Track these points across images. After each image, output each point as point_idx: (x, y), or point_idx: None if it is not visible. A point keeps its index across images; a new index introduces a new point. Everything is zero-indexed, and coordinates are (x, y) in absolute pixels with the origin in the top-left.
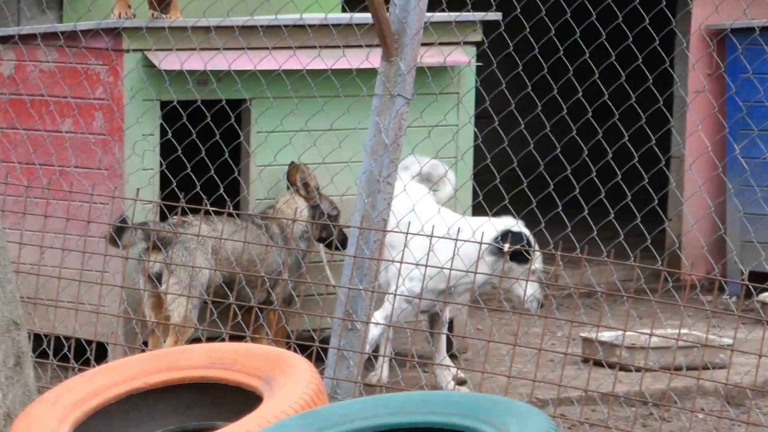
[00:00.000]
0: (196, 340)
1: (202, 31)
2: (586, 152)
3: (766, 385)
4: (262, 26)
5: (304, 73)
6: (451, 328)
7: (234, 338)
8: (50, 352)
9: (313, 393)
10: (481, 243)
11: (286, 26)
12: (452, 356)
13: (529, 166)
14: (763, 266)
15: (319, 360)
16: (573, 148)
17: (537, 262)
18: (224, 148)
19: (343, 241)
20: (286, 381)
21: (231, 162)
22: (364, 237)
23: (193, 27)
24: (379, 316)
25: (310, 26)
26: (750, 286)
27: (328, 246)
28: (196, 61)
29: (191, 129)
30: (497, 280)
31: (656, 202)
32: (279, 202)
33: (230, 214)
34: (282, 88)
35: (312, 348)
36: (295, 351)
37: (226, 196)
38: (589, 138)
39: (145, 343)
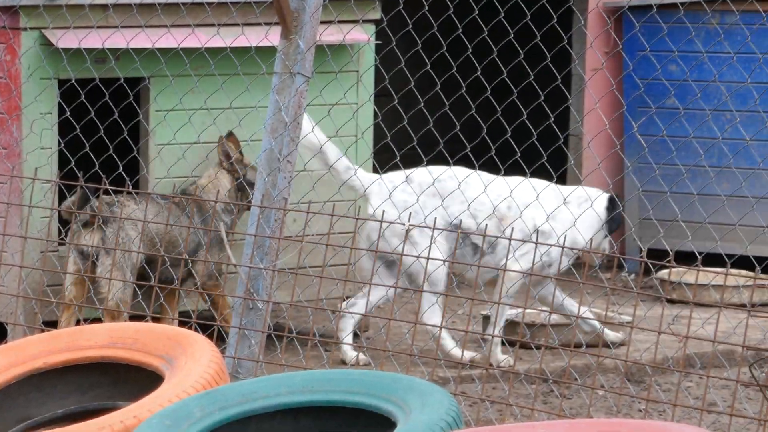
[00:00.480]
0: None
1: (100, 9)
2: (486, 130)
3: (665, 362)
4: (160, 4)
5: (203, 51)
6: None
7: (155, 319)
8: None
9: (215, 372)
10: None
11: (184, 4)
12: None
13: (429, 144)
14: (661, 243)
15: (220, 339)
16: (472, 126)
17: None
18: (123, 126)
19: None
20: (187, 360)
21: (130, 141)
22: (264, 216)
23: (90, 5)
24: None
25: (209, 4)
26: (648, 264)
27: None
28: (93, 39)
29: (89, 107)
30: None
31: (555, 180)
32: (202, 178)
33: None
34: (181, 67)
35: (213, 327)
36: (196, 330)
37: (125, 175)
38: (488, 116)
39: (47, 324)
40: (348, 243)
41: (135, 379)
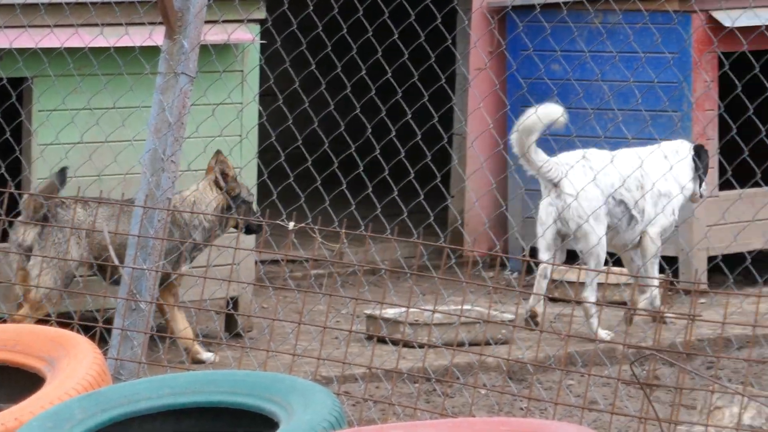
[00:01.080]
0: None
1: None
2: (370, 130)
3: (547, 360)
4: (43, 4)
5: (86, 51)
6: (236, 306)
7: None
8: None
9: (97, 374)
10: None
11: (68, 4)
12: (237, 335)
13: (314, 143)
14: None
15: (102, 341)
16: (357, 126)
17: None
18: (5, 127)
19: (259, 227)
20: (69, 362)
21: (12, 141)
22: (148, 216)
23: None
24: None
25: (93, 4)
26: (531, 262)
27: (247, 232)
28: None
29: None
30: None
31: (439, 179)
32: (187, 190)
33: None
34: (64, 67)
35: (96, 329)
36: (78, 332)
37: (7, 176)
38: (372, 116)
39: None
40: (232, 243)
41: (16, 381)
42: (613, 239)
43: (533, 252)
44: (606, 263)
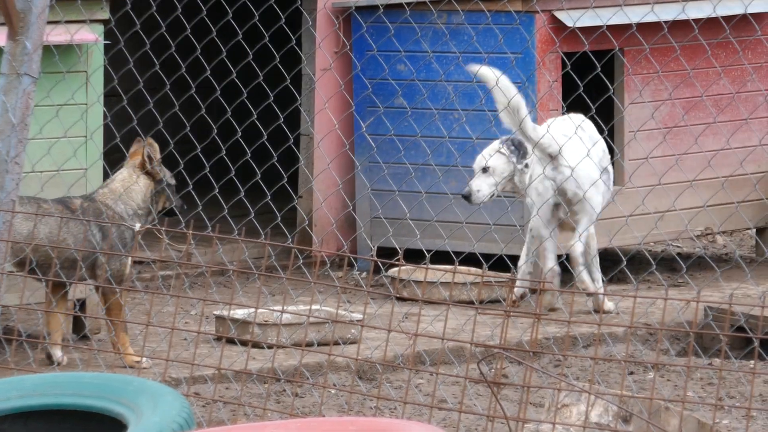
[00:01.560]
0: None
1: None
2: (216, 131)
3: (395, 359)
4: None
5: None
6: (83, 308)
7: None
8: None
9: None
10: None
11: None
12: (84, 337)
13: (160, 144)
14: (390, 242)
15: None
16: (203, 127)
17: None
18: None
19: (181, 207)
20: None
21: None
22: None
23: None
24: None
25: None
26: (379, 262)
27: (168, 214)
28: None
29: None
30: None
31: (285, 179)
32: (115, 181)
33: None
34: None
35: None
36: None
37: None
38: (218, 116)
39: None
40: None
41: None
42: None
43: (381, 251)
44: (452, 262)
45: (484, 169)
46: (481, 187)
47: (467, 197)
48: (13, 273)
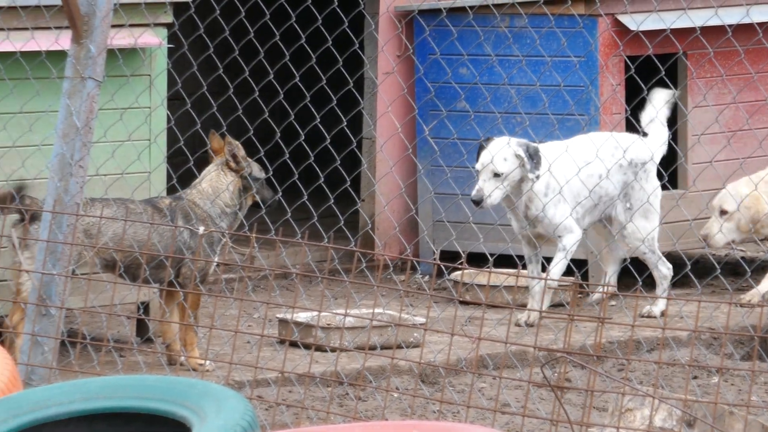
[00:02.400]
0: None
1: None
2: (279, 134)
3: (458, 363)
4: None
5: None
6: (147, 311)
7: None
8: None
9: (7, 380)
10: None
11: None
12: (147, 340)
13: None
14: (453, 245)
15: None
16: (266, 131)
17: None
18: None
19: (272, 199)
20: None
21: None
22: (57, 221)
23: None
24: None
25: None
26: (441, 266)
27: (257, 207)
28: None
29: None
30: None
31: (348, 183)
32: (203, 181)
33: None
34: None
35: (5, 335)
36: None
37: None
38: (281, 120)
39: None
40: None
41: None
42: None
43: (444, 255)
44: (515, 266)
45: (497, 174)
46: (494, 192)
47: (478, 202)
48: (82, 276)
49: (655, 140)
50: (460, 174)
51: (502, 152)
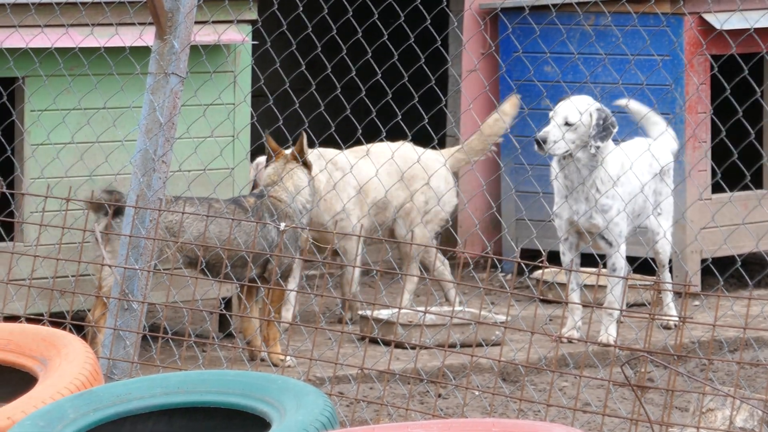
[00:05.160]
0: None
1: None
2: (360, 131)
3: (539, 362)
4: (34, 3)
5: (77, 51)
6: (228, 306)
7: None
8: None
9: (89, 373)
10: None
11: (58, 3)
12: (229, 335)
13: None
14: (535, 243)
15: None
16: (347, 127)
17: None
18: None
19: None
20: (61, 361)
21: (4, 141)
22: (139, 216)
23: None
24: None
25: (83, 3)
26: (522, 264)
27: None
28: None
29: None
30: None
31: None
32: (282, 179)
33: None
34: (55, 66)
35: (88, 328)
36: (71, 331)
37: None
38: (363, 117)
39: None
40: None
41: (8, 381)
42: None
43: (525, 253)
44: (597, 264)
45: (567, 123)
46: (559, 139)
47: (540, 143)
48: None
49: (669, 141)
50: (543, 172)
51: (579, 104)
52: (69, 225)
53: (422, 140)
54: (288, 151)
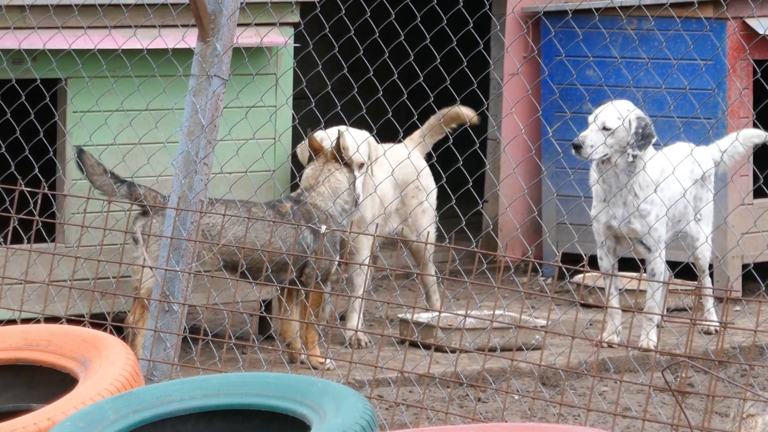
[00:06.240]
0: None
1: (17, 10)
2: (402, 134)
3: (579, 366)
4: (77, 5)
5: (119, 52)
6: (268, 309)
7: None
8: None
9: (129, 375)
10: None
11: (101, 5)
12: (269, 338)
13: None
14: (576, 248)
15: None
16: (389, 130)
17: None
18: (39, 127)
19: None
20: (102, 363)
21: (46, 142)
22: (181, 218)
23: (7, 5)
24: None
25: (126, 5)
26: (563, 268)
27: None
28: (10, 40)
29: (5, 109)
30: None
31: (470, 183)
32: (320, 184)
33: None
34: (98, 68)
35: (128, 330)
36: (111, 333)
37: (41, 177)
38: (405, 120)
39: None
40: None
41: (49, 382)
42: None
43: (566, 257)
44: (638, 269)
45: (605, 128)
46: (597, 143)
47: (578, 146)
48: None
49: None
50: (584, 176)
51: (620, 109)
52: (110, 226)
53: (464, 143)
54: (329, 149)
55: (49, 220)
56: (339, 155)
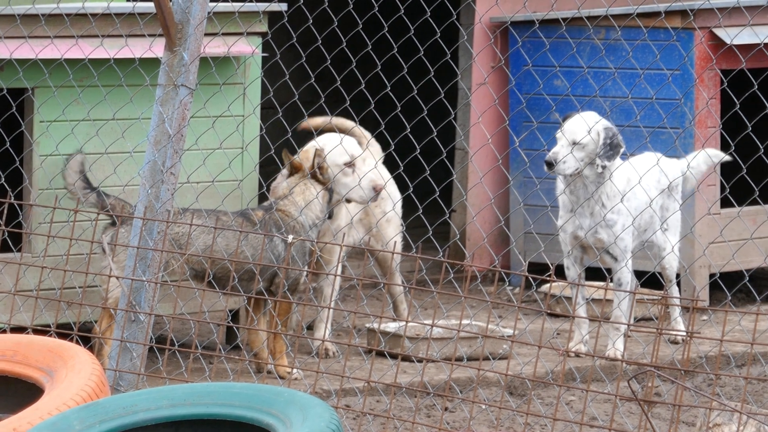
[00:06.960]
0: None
1: None
2: (368, 143)
3: (546, 376)
4: (43, 15)
5: (86, 62)
6: (235, 319)
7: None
8: None
9: (95, 385)
10: None
11: (68, 15)
12: (235, 347)
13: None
14: (542, 257)
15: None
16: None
17: None
18: (5, 137)
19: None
20: (68, 373)
21: (12, 152)
22: (147, 228)
23: None
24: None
25: (93, 15)
26: (530, 278)
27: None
28: None
29: None
30: None
31: (438, 193)
32: (294, 193)
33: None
34: (64, 78)
35: (94, 340)
36: (77, 343)
37: (7, 186)
38: (372, 129)
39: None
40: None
41: (15, 392)
42: None
43: (533, 267)
44: (604, 278)
45: (575, 142)
46: (568, 159)
47: (550, 164)
48: (167, 284)
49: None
50: (551, 186)
51: (587, 122)
52: (76, 236)
53: (431, 153)
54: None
55: (15, 230)
56: (317, 175)
